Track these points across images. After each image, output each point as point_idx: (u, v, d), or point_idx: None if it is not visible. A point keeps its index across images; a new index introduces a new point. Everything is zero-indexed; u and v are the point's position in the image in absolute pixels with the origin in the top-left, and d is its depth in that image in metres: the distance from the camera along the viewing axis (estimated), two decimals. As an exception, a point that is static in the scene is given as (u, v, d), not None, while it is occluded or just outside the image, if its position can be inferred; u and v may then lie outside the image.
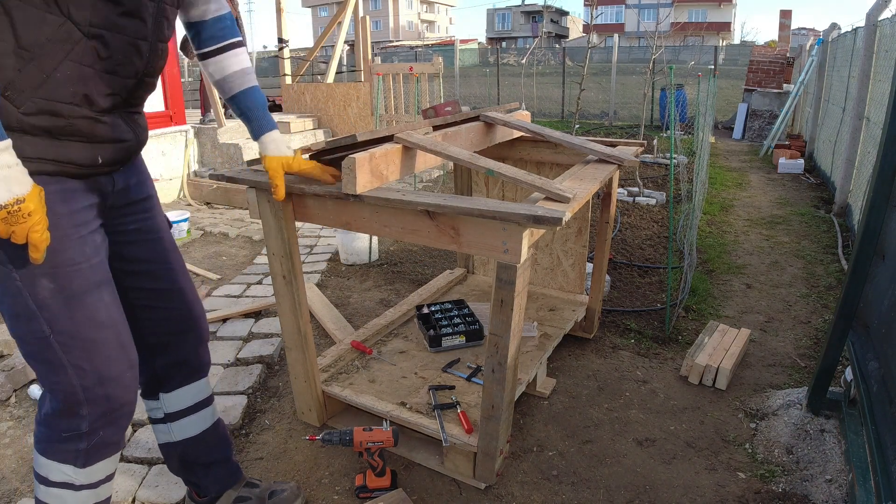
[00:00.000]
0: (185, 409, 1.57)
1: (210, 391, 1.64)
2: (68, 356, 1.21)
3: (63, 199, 1.18)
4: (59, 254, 1.17)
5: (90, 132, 1.18)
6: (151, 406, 1.58)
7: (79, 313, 1.21)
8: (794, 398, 2.21)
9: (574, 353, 2.65)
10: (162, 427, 1.59)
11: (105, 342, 1.24)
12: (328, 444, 1.78)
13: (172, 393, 1.55)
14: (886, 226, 1.75)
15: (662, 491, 1.84)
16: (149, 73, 1.28)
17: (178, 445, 1.59)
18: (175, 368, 1.53)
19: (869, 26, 4.75)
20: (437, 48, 28.47)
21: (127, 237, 1.38)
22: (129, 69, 1.21)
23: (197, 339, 1.56)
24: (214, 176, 1.85)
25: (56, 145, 1.15)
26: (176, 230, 4.19)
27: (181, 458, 1.61)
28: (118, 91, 1.20)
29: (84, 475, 1.32)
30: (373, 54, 7.35)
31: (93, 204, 1.26)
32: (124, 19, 1.16)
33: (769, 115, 9.61)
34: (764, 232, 4.57)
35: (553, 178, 1.88)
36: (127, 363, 1.29)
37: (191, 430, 1.59)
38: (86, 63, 1.12)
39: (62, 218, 1.18)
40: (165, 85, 5.33)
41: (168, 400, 1.55)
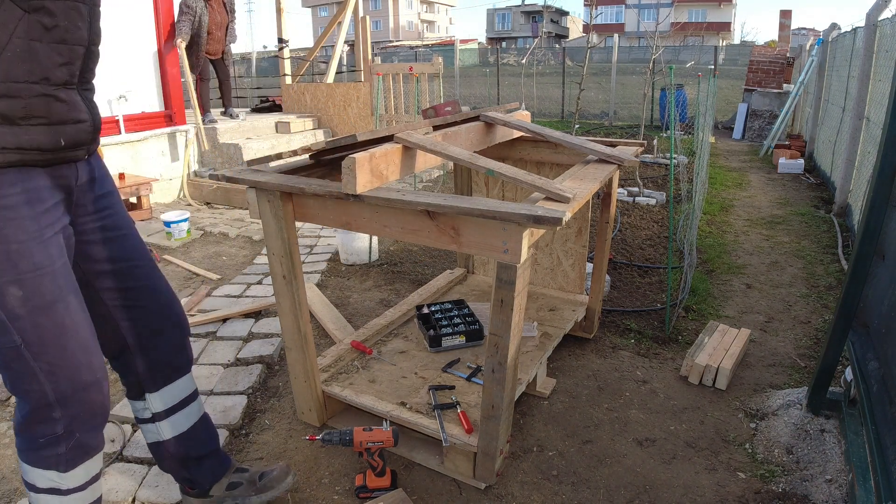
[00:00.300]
0: (172, 407, 1.57)
1: (194, 386, 1.64)
2: (39, 363, 1.20)
3: (28, 202, 1.18)
4: (24, 259, 1.16)
5: (48, 111, 1.18)
6: (138, 407, 1.58)
7: (49, 320, 1.20)
8: (794, 398, 2.21)
9: (574, 353, 2.65)
10: (150, 427, 1.59)
11: (75, 347, 1.24)
12: (328, 444, 1.78)
13: (157, 392, 1.54)
14: (886, 226, 1.75)
15: (662, 491, 1.84)
16: (93, 40, 1.30)
17: (169, 443, 1.59)
18: (158, 367, 1.53)
19: (869, 26, 4.75)
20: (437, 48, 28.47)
21: (93, 236, 1.37)
22: (77, 35, 1.21)
23: (178, 334, 1.55)
24: (214, 176, 1.86)
25: (17, 132, 1.14)
26: (176, 230, 4.19)
27: (172, 455, 1.61)
28: (71, 60, 1.21)
29: (69, 479, 1.33)
30: (373, 54, 7.35)
31: (58, 202, 1.26)
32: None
33: (769, 115, 9.61)
34: (764, 232, 4.57)
35: (553, 178, 1.88)
36: (98, 365, 1.29)
37: (180, 427, 1.59)
38: (34, 37, 1.12)
39: (27, 221, 1.17)
40: (166, 85, 5.33)
41: (154, 399, 1.55)
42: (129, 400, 1.58)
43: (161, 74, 5.29)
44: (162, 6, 5.18)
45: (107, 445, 2.05)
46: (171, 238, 4.18)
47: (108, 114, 4.85)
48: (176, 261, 3.81)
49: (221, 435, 2.09)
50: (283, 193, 1.74)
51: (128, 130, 4.95)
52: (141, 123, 5.07)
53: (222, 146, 5.90)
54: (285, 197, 1.75)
